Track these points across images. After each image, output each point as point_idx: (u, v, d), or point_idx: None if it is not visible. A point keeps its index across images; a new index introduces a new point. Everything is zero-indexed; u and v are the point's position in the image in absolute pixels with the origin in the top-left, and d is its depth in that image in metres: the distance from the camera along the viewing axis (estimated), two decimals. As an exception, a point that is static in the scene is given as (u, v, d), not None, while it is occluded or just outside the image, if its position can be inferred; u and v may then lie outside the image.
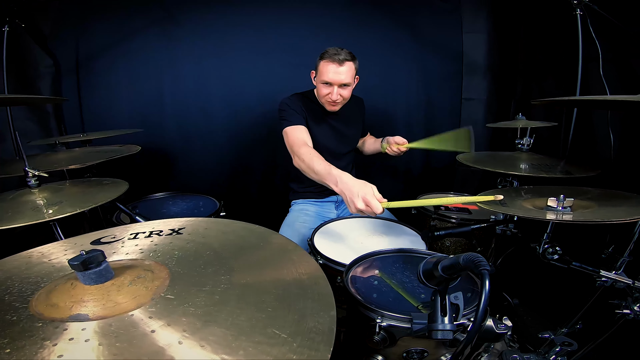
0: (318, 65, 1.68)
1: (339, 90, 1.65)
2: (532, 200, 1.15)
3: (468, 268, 0.59)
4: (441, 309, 0.68)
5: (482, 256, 0.59)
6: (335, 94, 1.64)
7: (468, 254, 0.59)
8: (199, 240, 0.87)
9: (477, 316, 0.56)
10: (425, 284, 0.73)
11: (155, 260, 0.76)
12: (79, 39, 2.22)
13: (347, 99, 1.72)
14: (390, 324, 0.86)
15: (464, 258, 0.60)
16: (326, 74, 1.62)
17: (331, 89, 1.64)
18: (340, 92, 1.66)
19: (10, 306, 0.59)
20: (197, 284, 0.67)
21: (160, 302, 0.60)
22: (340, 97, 1.67)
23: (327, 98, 1.68)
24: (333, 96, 1.65)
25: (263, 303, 0.61)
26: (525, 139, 1.57)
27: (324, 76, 1.63)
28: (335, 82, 1.63)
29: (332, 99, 1.66)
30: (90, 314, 0.56)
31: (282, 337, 0.52)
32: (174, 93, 2.38)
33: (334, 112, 1.82)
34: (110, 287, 0.61)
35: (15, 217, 0.94)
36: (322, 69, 1.64)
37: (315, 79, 1.73)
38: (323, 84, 1.66)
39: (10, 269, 0.75)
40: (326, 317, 0.58)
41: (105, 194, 1.08)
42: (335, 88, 1.64)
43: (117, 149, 1.49)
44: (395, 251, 1.23)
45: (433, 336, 0.69)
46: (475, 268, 0.57)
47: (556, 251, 1.09)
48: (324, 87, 1.66)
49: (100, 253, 0.62)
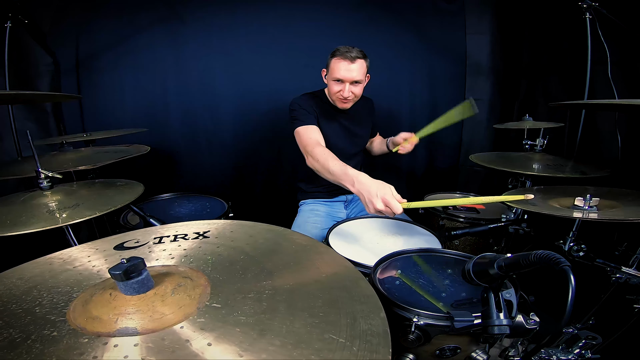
0: (329, 62, 1.67)
1: (351, 88, 1.64)
2: (558, 200, 1.15)
3: (543, 265, 0.59)
4: (496, 305, 0.70)
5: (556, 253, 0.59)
6: (347, 91, 1.64)
7: (540, 252, 0.60)
8: (228, 244, 0.84)
9: (567, 312, 0.57)
10: (474, 281, 0.74)
11: (189, 266, 0.73)
12: (79, 37, 2.15)
13: (359, 96, 1.71)
14: (427, 322, 0.86)
15: (536, 255, 0.59)
16: (338, 71, 1.61)
17: (343, 86, 1.64)
18: (352, 89, 1.65)
19: (45, 320, 0.55)
20: (240, 290, 0.64)
21: (208, 311, 0.57)
22: (352, 95, 1.66)
23: (338, 95, 1.67)
24: (345, 93, 1.64)
25: (313, 308, 0.59)
26: (539, 140, 1.59)
27: (336, 73, 1.62)
28: (346, 79, 1.62)
29: (344, 95, 1.65)
30: (138, 327, 0.52)
31: (340, 342, 0.51)
32: (179, 92, 2.33)
33: (345, 111, 1.81)
34: (153, 297, 0.58)
35: (30, 221, 0.88)
36: (334, 66, 1.63)
37: (327, 76, 1.72)
38: (335, 81, 1.65)
39: (32, 277, 0.71)
40: (377, 319, 0.58)
41: (123, 196, 1.03)
42: (347, 85, 1.63)
43: (126, 149, 1.43)
44: (418, 251, 1.22)
45: (490, 331, 0.70)
46: (555, 265, 0.57)
47: (581, 248, 1.10)
48: (335, 84, 1.65)
49: (141, 261, 0.58)
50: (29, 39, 1.96)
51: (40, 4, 2.00)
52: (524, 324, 0.75)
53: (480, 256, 0.72)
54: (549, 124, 1.78)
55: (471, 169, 2.66)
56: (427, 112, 2.58)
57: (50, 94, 1.47)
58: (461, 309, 0.88)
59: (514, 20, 2.40)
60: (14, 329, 0.52)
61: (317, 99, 1.79)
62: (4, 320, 0.54)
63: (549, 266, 0.58)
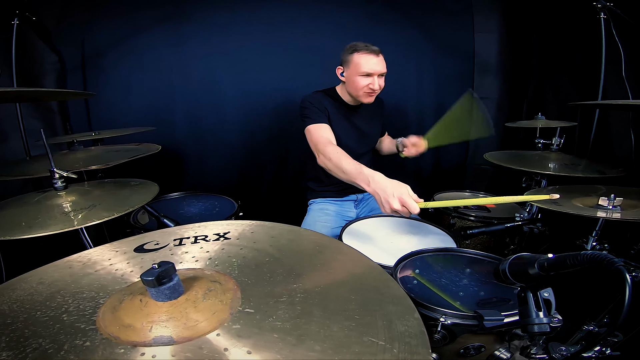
0: (350, 59, 1.65)
1: (378, 80, 1.65)
2: (581, 199, 1.14)
3: (593, 265, 0.59)
4: (535, 304, 0.70)
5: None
6: (377, 83, 1.64)
7: (591, 252, 0.59)
8: (251, 246, 0.82)
9: (623, 312, 0.56)
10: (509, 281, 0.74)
11: (215, 269, 0.71)
12: (84, 34, 2.12)
13: (382, 89, 1.71)
14: (454, 322, 0.85)
15: (586, 256, 0.58)
16: (366, 64, 1.61)
17: (372, 79, 1.63)
18: (379, 81, 1.66)
19: (75, 328, 0.53)
20: (271, 294, 0.62)
21: (242, 317, 0.55)
22: (379, 87, 1.67)
23: (366, 89, 1.65)
24: (375, 85, 1.64)
25: (347, 311, 0.58)
26: (555, 139, 1.57)
27: (364, 67, 1.61)
28: (375, 72, 1.63)
29: (374, 88, 1.64)
30: (173, 335, 0.50)
31: (380, 345, 0.50)
32: (184, 91, 2.30)
33: (357, 110, 1.80)
34: (185, 303, 0.56)
35: (46, 223, 0.86)
36: (360, 60, 1.62)
37: (347, 73, 1.69)
38: (362, 76, 1.63)
39: (53, 282, 0.69)
40: (412, 319, 0.57)
41: (138, 197, 1.01)
42: (376, 78, 1.64)
43: (137, 148, 1.41)
44: (436, 250, 1.21)
45: (529, 330, 0.71)
46: (609, 265, 0.56)
47: (604, 248, 1.09)
48: (363, 78, 1.64)
49: (172, 266, 0.56)
50: (35, 37, 1.93)
51: (45, 1, 1.97)
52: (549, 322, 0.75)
53: (517, 256, 0.72)
54: (562, 123, 1.76)
55: (478, 168, 2.64)
56: (434, 111, 2.56)
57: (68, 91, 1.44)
58: (488, 307, 0.87)
59: (522, 19, 2.39)
60: (44, 339, 0.50)
61: (328, 97, 1.77)
62: (30, 330, 0.52)
63: (601, 267, 0.56)
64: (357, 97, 1.72)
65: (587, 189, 1.30)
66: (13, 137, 1.81)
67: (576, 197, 1.24)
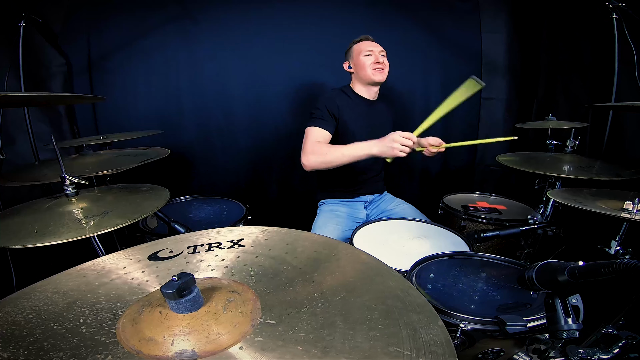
0: (352, 50, 1.82)
1: (380, 57, 1.75)
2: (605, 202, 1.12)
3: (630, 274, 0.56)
4: (564, 311, 0.70)
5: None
6: (379, 57, 1.74)
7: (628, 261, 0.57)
8: (267, 254, 0.80)
9: None
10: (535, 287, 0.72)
11: (232, 278, 0.70)
12: (90, 37, 2.13)
13: (387, 68, 1.79)
14: (474, 327, 0.85)
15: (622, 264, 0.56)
16: (365, 47, 1.76)
17: (373, 54, 1.75)
18: (381, 58, 1.75)
19: (95, 341, 0.51)
20: (292, 304, 0.61)
21: (264, 329, 0.54)
22: (384, 61, 1.76)
23: (373, 65, 1.74)
24: (379, 59, 1.74)
25: (371, 320, 0.57)
26: (569, 141, 1.55)
27: (364, 50, 1.75)
28: (375, 50, 1.76)
29: (379, 60, 1.74)
30: (196, 349, 0.49)
31: (406, 355, 0.49)
32: (191, 93, 2.30)
33: (371, 105, 1.86)
34: (206, 315, 0.54)
35: (59, 230, 0.85)
36: (359, 47, 1.78)
37: (352, 62, 1.82)
38: (365, 56, 1.75)
39: (68, 291, 0.67)
40: (436, 328, 0.56)
41: (150, 203, 1.00)
42: (377, 53, 1.75)
43: (146, 152, 1.40)
44: (452, 254, 1.19)
45: (559, 336, 0.71)
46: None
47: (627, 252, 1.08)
48: (366, 58, 1.75)
49: (192, 278, 0.55)
50: (42, 40, 1.93)
51: (51, 3, 1.98)
52: None
53: (545, 263, 0.71)
54: (574, 124, 1.74)
55: (487, 168, 2.62)
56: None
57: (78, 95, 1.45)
58: (509, 313, 0.86)
59: (530, 18, 2.37)
60: (64, 352, 0.48)
61: (344, 94, 1.82)
62: (50, 342, 0.51)
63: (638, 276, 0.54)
64: (368, 78, 1.78)
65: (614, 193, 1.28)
66: (21, 140, 1.81)
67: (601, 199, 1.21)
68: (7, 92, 0.83)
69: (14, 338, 0.53)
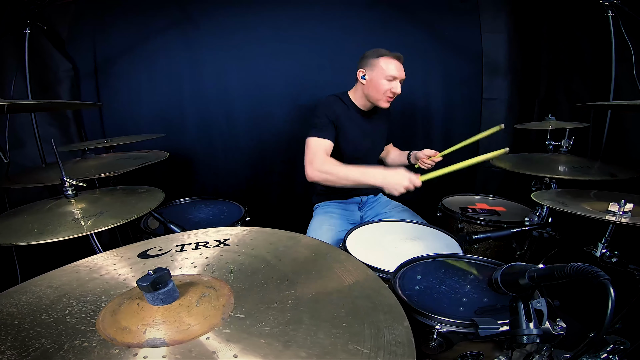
0: (376, 62, 1.68)
1: (399, 85, 1.69)
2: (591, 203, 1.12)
3: (580, 278, 0.58)
4: (526, 315, 0.70)
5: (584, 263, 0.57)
6: (399, 87, 1.68)
7: (577, 265, 0.58)
8: (249, 253, 0.84)
9: (605, 324, 0.56)
10: (501, 290, 0.73)
11: (212, 275, 0.73)
12: (96, 42, 2.19)
13: None
14: (450, 329, 0.85)
15: (572, 268, 0.58)
16: (393, 69, 1.66)
17: (396, 83, 1.68)
18: (399, 89, 1.69)
19: (76, 329, 0.56)
20: (263, 300, 0.64)
21: (233, 322, 0.57)
22: (398, 92, 1.70)
23: (388, 93, 1.69)
24: (397, 89, 1.68)
25: (337, 318, 0.59)
26: (564, 141, 1.54)
27: (390, 72, 1.65)
28: (399, 77, 1.68)
29: (396, 91, 1.68)
30: (166, 338, 0.53)
31: (365, 353, 0.51)
32: (194, 97, 2.35)
33: (369, 117, 1.84)
34: (179, 308, 0.58)
35: (57, 229, 0.91)
36: (386, 65, 1.66)
37: (370, 75, 1.70)
38: (387, 80, 1.67)
39: (60, 286, 0.72)
40: (401, 328, 0.57)
41: (145, 204, 1.05)
42: (398, 82, 1.68)
43: (145, 155, 1.46)
44: (440, 256, 1.20)
45: (519, 341, 0.70)
46: (594, 279, 0.56)
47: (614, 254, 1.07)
48: (387, 83, 1.67)
49: (167, 272, 0.59)
50: (49, 45, 2.00)
51: (58, 10, 2.04)
52: (550, 330, 0.74)
53: (509, 266, 0.71)
54: (573, 124, 1.72)
55: (490, 170, 2.60)
56: (442, 112, 2.55)
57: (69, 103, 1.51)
58: (485, 316, 0.86)
59: (531, 18, 2.35)
60: (46, 339, 0.53)
61: (341, 102, 1.79)
62: (35, 330, 0.56)
63: (587, 279, 0.56)
64: (375, 101, 1.73)
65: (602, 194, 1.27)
66: (30, 143, 1.89)
67: (587, 200, 1.21)
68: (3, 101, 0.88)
69: (6, 327, 0.57)
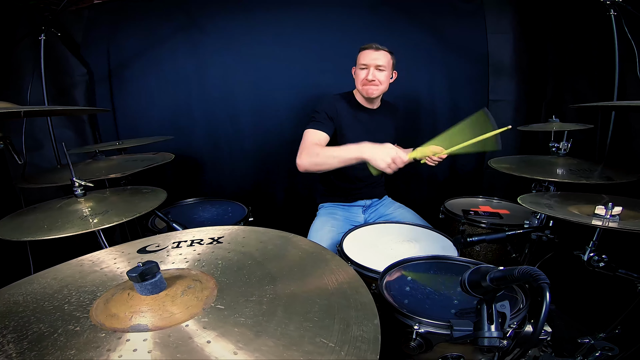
0: (357, 57, 1.77)
1: (375, 72, 1.72)
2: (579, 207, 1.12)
3: (524, 281, 0.59)
4: (488, 317, 0.70)
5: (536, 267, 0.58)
6: (371, 74, 1.71)
7: (524, 267, 0.60)
8: (239, 250, 0.89)
9: (538, 328, 0.57)
10: (470, 292, 0.74)
11: (201, 270, 0.78)
12: (109, 46, 2.28)
13: (383, 84, 1.77)
14: (428, 330, 0.86)
15: (519, 271, 0.60)
16: (363, 58, 1.73)
17: (367, 70, 1.72)
18: (375, 73, 1.72)
19: (71, 316, 0.62)
20: (244, 294, 0.68)
21: (212, 312, 0.62)
22: (376, 79, 1.72)
23: (363, 80, 1.74)
24: (369, 76, 1.71)
25: (309, 313, 0.62)
26: (562, 143, 1.52)
27: (362, 60, 1.73)
28: (370, 64, 1.71)
29: (368, 78, 1.72)
30: (149, 324, 0.58)
31: (330, 347, 0.54)
32: (201, 100, 2.42)
33: (371, 114, 1.86)
34: (164, 298, 0.63)
35: (65, 226, 0.98)
36: (360, 56, 1.75)
37: (353, 70, 1.81)
38: (361, 69, 1.75)
39: (64, 278, 0.79)
40: (370, 325, 0.59)
41: (147, 203, 1.12)
42: (371, 69, 1.71)
43: (152, 157, 1.54)
44: (428, 258, 1.21)
45: (479, 343, 0.70)
46: (534, 282, 0.57)
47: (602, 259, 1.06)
48: (361, 71, 1.75)
49: (155, 264, 0.64)
50: (65, 50, 2.10)
51: (72, 16, 2.14)
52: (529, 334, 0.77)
53: (476, 268, 0.73)
54: (576, 126, 1.70)
55: (496, 172, 2.57)
56: (448, 114, 2.54)
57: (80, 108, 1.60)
58: (464, 318, 0.88)
59: (536, 18, 2.32)
60: (44, 324, 0.59)
61: (344, 100, 1.83)
62: (36, 317, 0.62)
63: (530, 281, 0.57)
64: (361, 92, 1.79)
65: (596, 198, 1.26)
66: (47, 146, 2.00)
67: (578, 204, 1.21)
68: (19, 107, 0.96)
69: (10, 313, 0.64)
